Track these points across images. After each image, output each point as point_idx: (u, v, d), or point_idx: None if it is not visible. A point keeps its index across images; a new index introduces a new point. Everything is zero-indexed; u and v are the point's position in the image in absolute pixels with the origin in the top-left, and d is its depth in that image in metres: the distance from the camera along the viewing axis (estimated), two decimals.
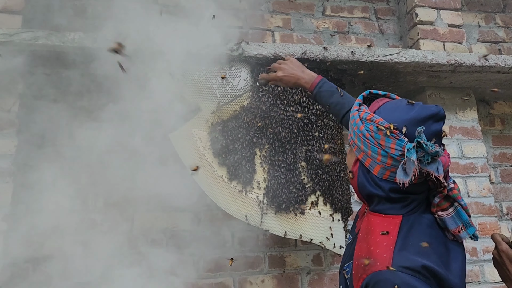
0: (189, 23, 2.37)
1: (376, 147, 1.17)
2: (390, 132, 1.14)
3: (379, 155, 1.16)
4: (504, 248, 1.35)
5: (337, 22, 2.68)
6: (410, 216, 1.18)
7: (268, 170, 1.98)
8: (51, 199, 2.07)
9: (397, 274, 1.04)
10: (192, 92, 1.98)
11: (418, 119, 1.14)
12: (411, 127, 1.13)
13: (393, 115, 1.18)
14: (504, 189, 2.63)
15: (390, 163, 1.14)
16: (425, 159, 1.10)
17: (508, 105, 2.79)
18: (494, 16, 2.94)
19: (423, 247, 1.10)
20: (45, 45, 1.82)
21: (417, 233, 1.14)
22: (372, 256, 1.11)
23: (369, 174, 1.20)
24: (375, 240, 1.14)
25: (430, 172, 1.11)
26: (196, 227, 2.18)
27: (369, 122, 1.18)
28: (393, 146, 1.13)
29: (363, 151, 1.20)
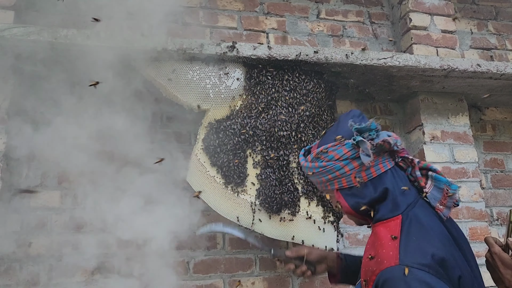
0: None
1: (337, 164, 1.27)
2: (333, 146, 1.28)
3: (345, 167, 1.26)
4: (497, 251, 1.36)
5: (332, 25, 2.69)
6: (408, 212, 1.22)
7: (261, 171, 1.97)
8: (39, 196, 2.05)
9: (404, 269, 1.06)
10: (185, 92, 1.97)
11: (343, 125, 1.30)
12: (344, 132, 1.29)
13: (326, 139, 1.34)
14: (495, 194, 2.64)
15: (357, 164, 1.25)
16: (372, 135, 1.23)
17: (500, 111, 2.82)
18: (487, 23, 2.97)
19: (425, 237, 1.15)
20: (37, 41, 1.80)
21: (418, 226, 1.19)
22: (379, 257, 1.14)
23: (352, 190, 1.28)
24: (380, 243, 1.18)
25: (384, 139, 1.22)
26: (187, 228, 2.15)
27: (316, 156, 1.31)
28: (346, 151, 1.26)
29: (334, 178, 1.29)
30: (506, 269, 1.35)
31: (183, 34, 2.38)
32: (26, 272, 1.94)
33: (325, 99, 2.23)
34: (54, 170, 2.09)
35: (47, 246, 2.00)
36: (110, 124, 2.07)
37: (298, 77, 2.12)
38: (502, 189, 2.66)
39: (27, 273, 1.94)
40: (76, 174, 2.11)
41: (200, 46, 1.98)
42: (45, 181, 2.07)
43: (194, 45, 1.97)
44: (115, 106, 2.05)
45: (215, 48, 1.99)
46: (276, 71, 2.10)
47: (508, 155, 2.74)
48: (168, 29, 2.38)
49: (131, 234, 2.09)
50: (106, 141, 2.14)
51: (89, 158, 2.14)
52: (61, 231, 2.03)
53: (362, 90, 2.44)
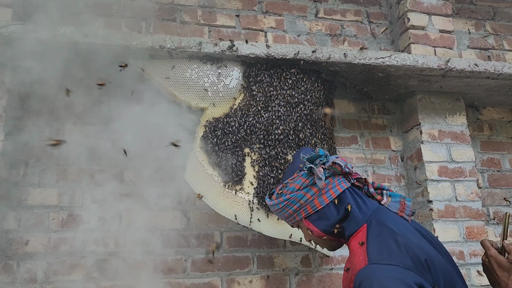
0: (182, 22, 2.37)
1: (299, 193, 1.36)
2: (292, 179, 1.40)
3: (306, 194, 1.35)
4: (493, 253, 1.37)
5: (330, 24, 2.69)
6: (372, 219, 1.30)
7: (258, 170, 1.97)
8: (37, 194, 2.04)
9: (374, 267, 1.12)
10: (183, 90, 1.97)
11: (297, 160, 1.47)
12: (300, 167, 1.43)
13: (287, 175, 1.47)
14: (492, 193, 2.65)
15: (317, 190, 1.34)
16: (322, 160, 1.35)
17: (497, 111, 2.83)
18: (484, 23, 2.98)
19: (388, 234, 1.22)
20: (36, 39, 1.80)
21: (380, 226, 1.26)
22: (353, 265, 1.21)
23: (318, 214, 1.36)
24: (353, 253, 1.26)
25: (333, 161, 1.33)
26: (185, 226, 2.16)
27: (279, 192, 1.42)
28: (304, 180, 1.36)
29: (300, 207, 1.38)
30: (503, 272, 1.36)
31: (182, 33, 2.38)
32: (23, 270, 1.94)
33: (323, 98, 2.23)
34: (52, 168, 2.09)
35: (44, 244, 2.00)
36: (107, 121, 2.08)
37: (296, 76, 2.12)
38: (499, 189, 2.67)
39: (24, 271, 1.94)
40: (74, 172, 2.11)
41: (199, 44, 1.98)
42: (43, 179, 2.07)
43: (193, 43, 1.98)
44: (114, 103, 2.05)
45: (213, 46, 1.99)
46: (274, 70, 2.10)
47: (505, 155, 2.75)
48: (167, 28, 2.38)
49: (129, 233, 2.10)
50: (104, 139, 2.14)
51: (88, 157, 2.14)
52: (58, 229, 2.02)
53: (360, 89, 2.45)
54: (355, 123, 2.56)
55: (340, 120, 2.54)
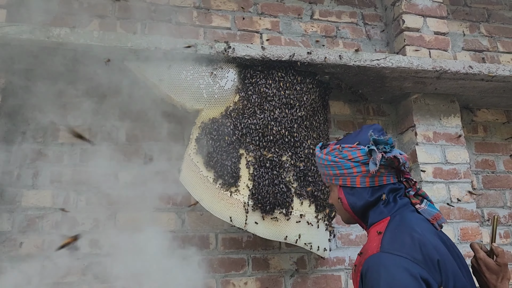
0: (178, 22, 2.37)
1: (347, 163, 1.37)
2: (351, 148, 1.39)
3: (353, 168, 1.36)
4: (482, 256, 1.40)
5: (325, 26, 2.69)
6: (396, 214, 1.32)
7: (254, 172, 1.97)
8: (31, 196, 2.03)
9: (384, 255, 1.16)
10: (178, 92, 1.97)
11: (364, 133, 1.41)
12: (362, 140, 1.39)
13: (346, 140, 1.44)
14: (486, 195, 2.67)
15: (365, 170, 1.34)
16: (386, 148, 1.33)
17: (491, 112, 2.84)
18: (479, 25, 2.99)
19: (407, 228, 1.24)
20: (30, 40, 1.79)
21: (402, 221, 1.29)
22: (365, 250, 1.25)
23: (353, 190, 1.38)
24: (368, 240, 1.30)
25: (395, 155, 1.32)
26: (180, 228, 2.15)
27: (332, 151, 1.41)
28: (359, 154, 1.35)
29: (341, 175, 1.39)
30: (491, 274, 1.38)
31: (177, 34, 2.38)
32: (17, 272, 1.92)
33: (319, 100, 2.24)
34: (45, 169, 2.08)
35: (38, 246, 1.99)
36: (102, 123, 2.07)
37: (291, 77, 2.13)
38: (493, 190, 2.69)
39: (18, 273, 1.92)
40: (68, 173, 2.10)
41: (194, 46, 1.97)
42: (37, 181, 2.06)
43: (188, 45, 1.97)
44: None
45: (209, 48, 1.99)
46: (270, 72, 2.10)
47: (499, 156, 2.76)
48: (162, 29, 2.38)
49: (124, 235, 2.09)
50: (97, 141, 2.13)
51: (81, 157, 2.14)
52: (52, 231, 2.01)
53: (355, 91, 2.45)
54: (350, 125, 2.57)
55: (336, 121, 2.55)
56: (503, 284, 1.38)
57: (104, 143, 2.16)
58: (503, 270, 1.39)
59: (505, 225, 2.63)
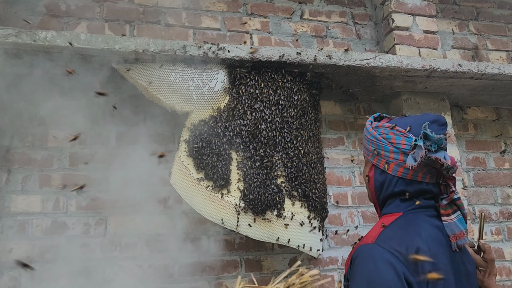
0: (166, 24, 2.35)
1: (388, 146, 1.32)
2: (399, 131, 1.31)
3: (391, 153, 1.31)
4: (469, 253, 1.41)
5: (315, 26, 2.69)
6: (410, 213, 1.28)
7: (245, 173, 1.96)
8: (21, 201, 2.01)
9: (376, 247, 1.15)
10: (167, 94, 1.95)
11: (422, 121, 1.29)
12: (416, 128, 1.30)
13: (401, 121, 1.36)
14: (477, 192, 2.68)
15: (402, 159, 1.28)
16: (432, 147, 1.24)
17: (481, 110, 2.86)
18: (468, 23, 3.01)
19: (411, 232, 1.20)
20: (16, 44, 1.77)
21: (411, 222, 1.25)
22: (364, 237, 1.25)
23: (383, 174, 1.34)
24: (372, 229, 1.29)
25: (438, 158, 1.23)
26: (171, 231, 2.14)
27: (380, 127, 1.36)
28: (403, 142, 1.29)
29: (377, 154, 1.35)
30: (478, 270, 1.40)
31: (166, 35, 2.36)
32: (7, 278, 1.90)
33: (309, 100, 2.23)
34: (35, 174, 2.06)
35: (28, 251, 1.96)
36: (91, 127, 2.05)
37: (281, 78, 2.12)
38: (484, 187, 2.70)
39: (8, 279, 1.90)
40: (58, 178, 2.08)
41: (183, 47, 1.96)
42: (26, 186, 2.04)
43: (177, 46, 1.96)
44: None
45: (198, 49, 1.98)
46: (260, 72, 2.09)
47: (490, 154, 2.78)
48: (150, 30, 2.36)
49: (115, 238, 2.07)
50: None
51: (71, 162, 2.12)
52: (42, 236, 2.00)
53: (346, 91, 2.45)
54: (341, 124, 2.57)
55: (327, 121, 2.54)
56: (490, 279, 1.41)
57: (94, 146, 2.15)
58: (490, 266, 1.42)
59: (496, 222, 2.64)
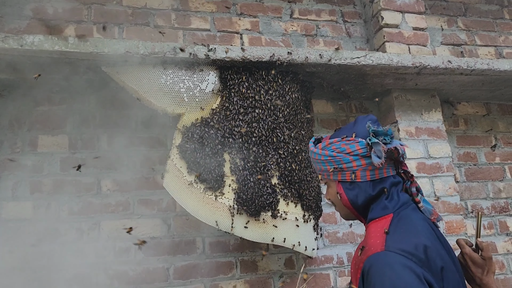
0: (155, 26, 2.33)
1: (346, 157, 1.32)
2: (348, 140, 1.34)
3: (352, 162, 1.32)
4: (467, 251, 1.44)
5: (305, 25, 2.69)
6: (399, 211, 1.30)
7: (238, 175, 1.95)
8: (12, 208, 1.99)
9: (389, 253, 1.14)
10: (158, 96, 1.94)
11: (361, 125, 1.37)
12: (359, 131, 1.35)
13: (341, 132, 1.39)
14: (469, 187, 2.70)
15: (365, 163, 1.31)
16: (387, 139, 1.30)
17: (471, 106, 2.88)
18: (456, 19, 3.03)
19: (411, 230, 1.23)
20: (2, 49, 1.74)
21: (406, 221, 1.27)
22: (367, 246, 1.22)
23: (353, 185, 1.34)
24: (370, 236, 1.26)
25: (396, 146, 1.29)
26: (166, 234, 2.13)
27: (329, 145, 1.37)
28: (358, 147, 1.31)
29: (340, 170, 1.35)
30: (477, 268, 1.42)
31: (155, 37, 2.35)
32: (1, 286, 1.88)
33: (301, 99, 2.23)
34: (25, 180, 2.03)
35: (21, 258, 1.94)
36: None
37: (273, 78, 2.11)
38: (476, 182, 2.72)
39: (2, 287, 1.88)
40: (49, 183, 2.06)
41: (173, 49, 1.95)
42: (17, 192, 2.01)
43: (167, 48, 1.94)
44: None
45: (188, 51, 1.96)
46: (251, 73, 2.09)
47: (481, 149, 2.80)
48: (140, 33, 2.34)
49: (108, 243, 2.06)
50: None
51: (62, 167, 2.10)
52: (35, 243, 1.97)
53: (337, 89, 2.45)
54: (333, 123, 2.57)
55: (319, 120, 2.55)
56: (488, 277, 1.42)
57: (84, 151, 2.13)
58: (488, 264, 1.43)
59: (488, 217, 2.67)
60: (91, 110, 2.12)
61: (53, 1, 2.25)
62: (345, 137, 1.35)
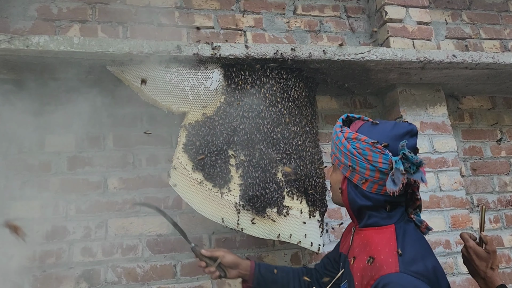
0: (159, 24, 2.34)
1: (364, 162, 1.28)
2: (375, 147, 1.26)
3: (367, 170, 1.27)
4: (471, 245, 1.45)
5: (309, 21, 2.69)
6: (400, 224, 1.30)
7: (243, 171, 1.96)
8: (20, 207, 2.01)
9: (405, 276, 1.13)
10: (163, 95, 1.95)
11: (397, 135, 1.28)
12: (392, 143, 1.26)
13: (375, 133, 1.30)
14: (475, 181, 2.70)
15: (378, 177, 1.26)
16: (411, 169, 1.24)
17: (476, 99, 2.87)
18: (461, 13, 3.01)
19: (419, 249, 1.24)
20: (8, 50, 1.75)
21: (411, 238, 1.27)
22: (377, 262, 1.20)
23: (358, 189, 1.32)
24: (376, 249, 1.24)
25: (416, 181, 1.25)
26: (173, 231, 2.15)
27: (355, 140, 1.31)
28: (380, 160, 1.25)
29: (351, 168, 1.31)
30: (481, 261, 1.44)
31: (159, 36, 2.35)
32: (9, 285, 1.90)
33: (305, 95, 2.23)
34: (33, 179, 2.05)
35: (29, 257, 1.96)
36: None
37: (276, 74, 2.12)
38: (482, 176, 2.72)
39: (10, 286, 1.90)
40: (56, 182, 2.08)
41: (177, 48, 1.96)
42: (25, 191, 2.03)
43: (171, 47, 1.95)
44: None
45: (192, 49, 1.97)
46: (255, 70, 2.09)
47: (486, 143, 2.79)
48: (144, 31, 2.35)
49: (116, 241, 2.08)
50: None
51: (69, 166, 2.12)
52: (43, 241, 1.99)
53: (341, 85, 2.45)
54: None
55: (323, 116, 2.55)
56: (492, 270, 1.44)
57: (91, 150, 2.14)
58: (492, 257, 1.44)
59: (494, 210, 2.66)
60: (97, 110, 2.13)
61: (57, 1, 2.27)
62: (375, 142, 1.27)
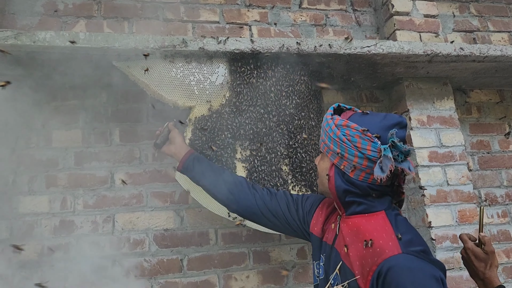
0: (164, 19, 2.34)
1: (353, 149, 1.29)
2: (365, 135, 1.27)
3: (355, 157, 1.28)
4: (470, 246, 1.44)
5: (314, 14, 2.67)
6: (389, 211, 1.32)
7: (249, 166, 1.96)
8: (28, 202, 2.03)
9: (409, 257, 1.15)
10: (169, 90, 1.95)
11: (387, 126, 1.30)
12: (382, 133, 1.28)
13: (365, 122, 1.32)
14: (482, 175, 2.67)
15: (366, 164, 1.27)
16: (399, 158, 1.26)
17: (484, 93, 2.84)
18: (468, 5, 2.97)
19: (414, 232, 1.27)
20: (15, 46, 1.76)
21: (402, 224, 1.28)
22: (377, 247, 1.20)
23: (345, 176, 1.32)
24: (372, 234, 1.24)
25: (404, 169, 1.27)
26: (179, 225, 2.16)
27: (345, 127, 1.31)
28: (369, 148, 1.27)
29: (339, 155, 1.32)
30: (480, 262, 1.43)
31: (165, 31, 2.35)
32: (17, 279, 1.93)
33: (311, 89, 2.22)
34: (41, 174, 2.07)
35: (38, 251, 1.98)
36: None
37: (282, 68, 2.11)
38: (489, 170, 2.70)
39: (18, 280, 1.92)
40: (64, 177, 2.09)
41: (182, 42, 1.95)
42: (33, 186, 2.05)
43: (176, 41, 1.95)
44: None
45: (197, 44, 1.97)
46: (260, 64, 2.09)
47: (494, 136, 2.77)
48: (149, 26, 2.35)
49: (123, 235, 2.09)
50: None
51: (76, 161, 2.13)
52: (51, 236, 2.01)
53: (348, 79, 2.44)
54: None
55: None
56: (491, 271, 1.43)
57: (98, 145, 2.15)
58: (490, 258, 1.44)
59: (502, 205, 2.64)
60: (103, 105, 2.14)
61: None
62: (365, 130, 1.29)
